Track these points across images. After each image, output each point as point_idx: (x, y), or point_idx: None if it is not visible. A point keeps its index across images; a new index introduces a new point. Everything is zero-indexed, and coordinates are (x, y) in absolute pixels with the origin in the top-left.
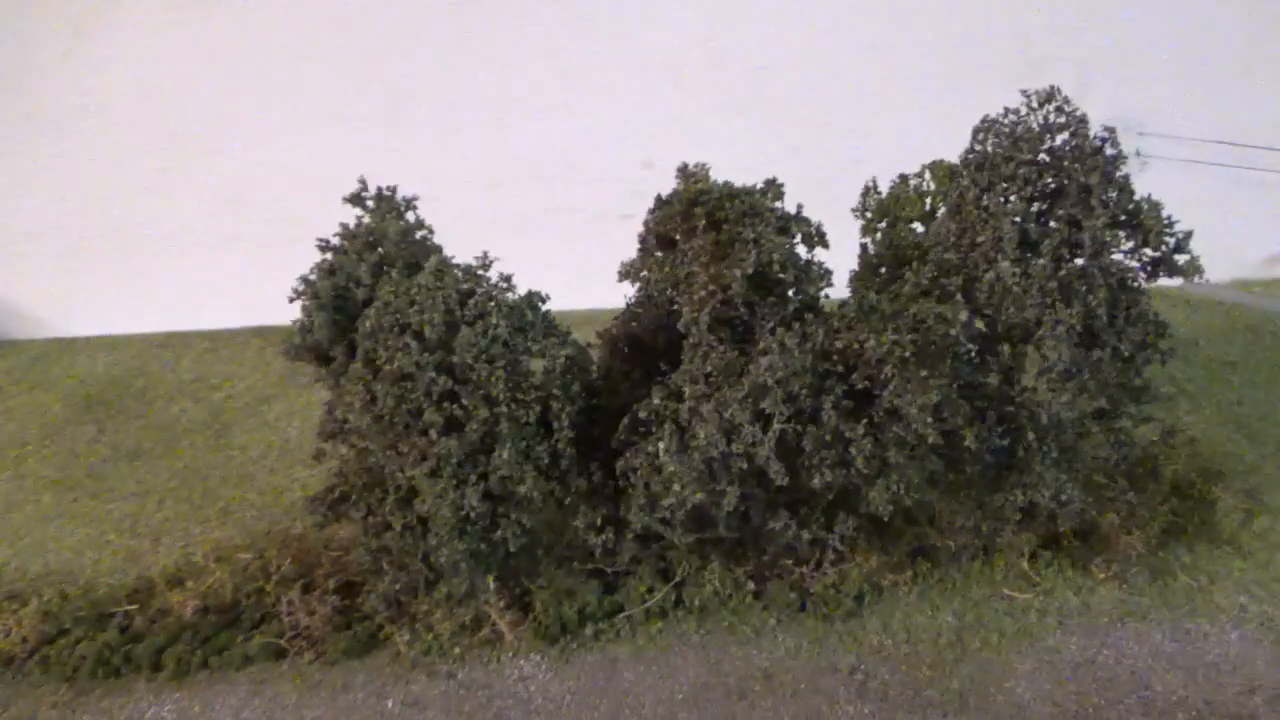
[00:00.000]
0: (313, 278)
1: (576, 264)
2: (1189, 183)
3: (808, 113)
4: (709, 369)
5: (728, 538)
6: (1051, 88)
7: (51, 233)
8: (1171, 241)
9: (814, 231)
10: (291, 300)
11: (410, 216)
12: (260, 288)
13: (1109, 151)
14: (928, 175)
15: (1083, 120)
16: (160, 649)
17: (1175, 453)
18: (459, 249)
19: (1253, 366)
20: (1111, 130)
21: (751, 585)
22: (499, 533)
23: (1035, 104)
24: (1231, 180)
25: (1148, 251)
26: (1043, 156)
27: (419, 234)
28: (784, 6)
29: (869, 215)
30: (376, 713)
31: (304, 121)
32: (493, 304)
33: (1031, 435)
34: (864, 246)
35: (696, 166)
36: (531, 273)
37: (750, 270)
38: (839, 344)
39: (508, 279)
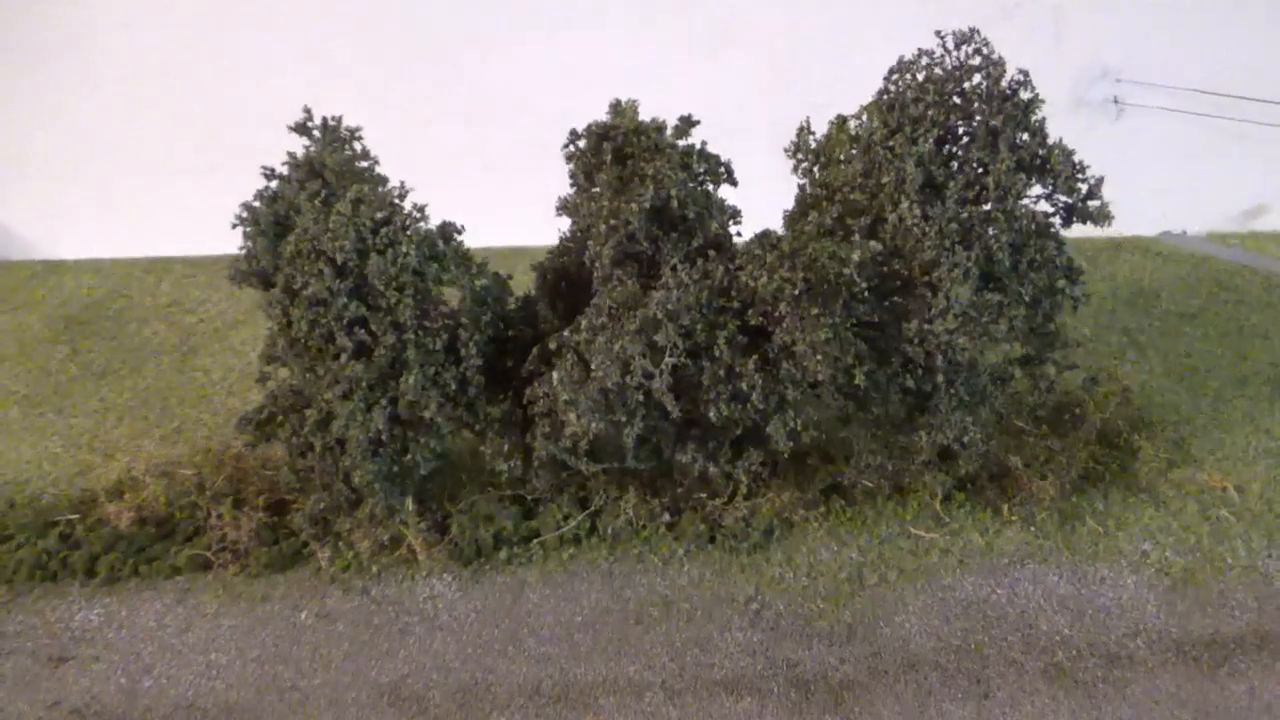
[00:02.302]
0: (256, 204)
1: (548, 200)
2: (1168, 131)
3: (779, 54)
4: (611, 302)
5: (645, 469)
6: (971, 29)
7: (43, 159)
8: (1084, 188)
9: (720, 168)
10: (234, 226)
11: (357, 147)
12: None
13: (1024, 95)
14: (865, 116)
15: (997, 63)
16: (95, 557)
17: (1106, 401)
18: (429, 182)
19: (1209, 320)
20: (1025, 74)
21: (667, 516)
22: (409, 456)
23: (951, 45)
24: (1211, 130)
25: (1064, 198)
26: (956, 99)
27: (363, 164)
28: None
29: (800, 156)
30: (290, 624)
31: (287, 53)
32: (405, 233)
33: (941, 377)
34: (801, 187)
35: (628, 102)
36: (503, 207)
37: (648, 205)
38: (739, 280)
39: (421, 209)
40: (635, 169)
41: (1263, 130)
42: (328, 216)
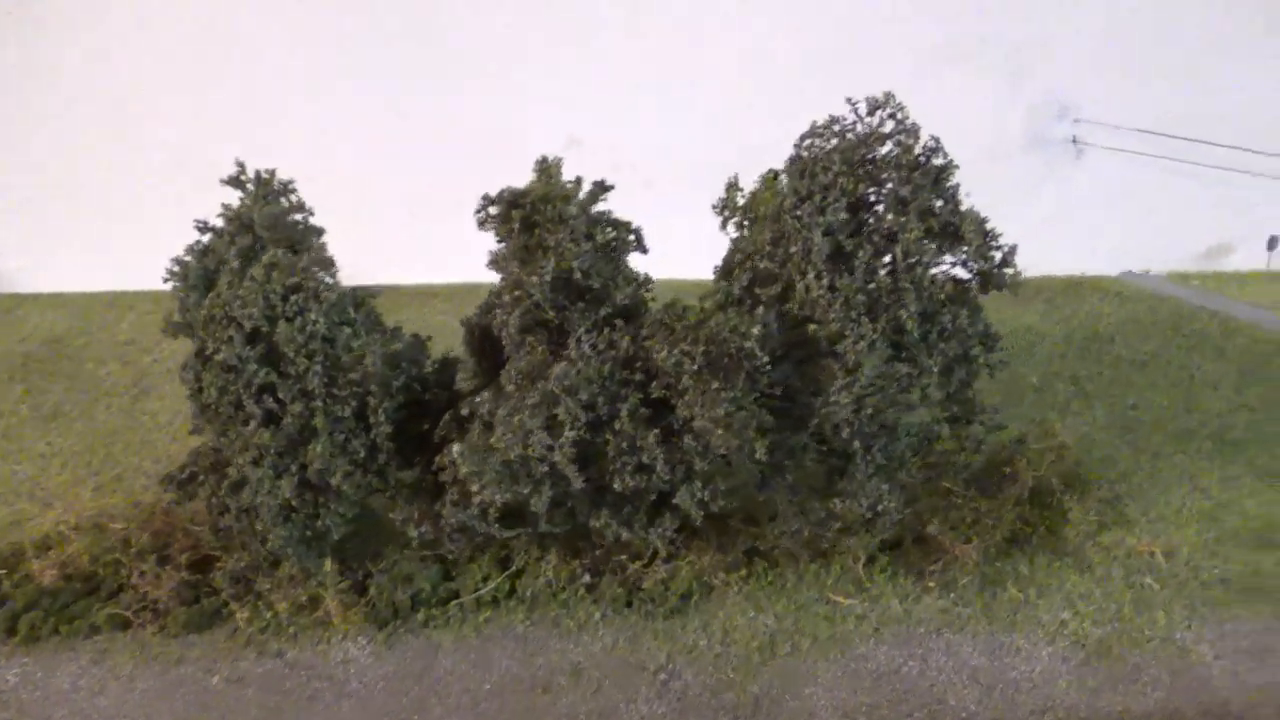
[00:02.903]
0: (187, 259)
1: None
2: (1130, 171)
3: (735, 90)
4: (517, 372)
5: (560, 532)
6: (886, 94)
7: (11, 191)
8: (997, 255)
9: (630, 236)
10: (165, 280)
11: (291, 200)
12: None
13: (936, 162)
14: (781, 180)
15: (910, 130)
16: (17, 615)
17: (1040, 458)
18: (384, 222)
19: (1161, 367)
20: (936, 139)
21: (587, 578)
22: (321, 521)
23: (864, 111)
24: (1173, 170)
25: (980, 264)
26: (868, 167)
27: (297, 217)
28: None
29: (726, 213)
30: (202, 688)
31: (257, 87)
32: (312, 300)
33: (857, 444)
34: (733, 243)
35: (554, 160)
36: (458, 249)
37: (548, 277)
38: (642, 352)
39: (333, 275)
40: (541, 239)
41: (1225, 170)
42: (240, 281)
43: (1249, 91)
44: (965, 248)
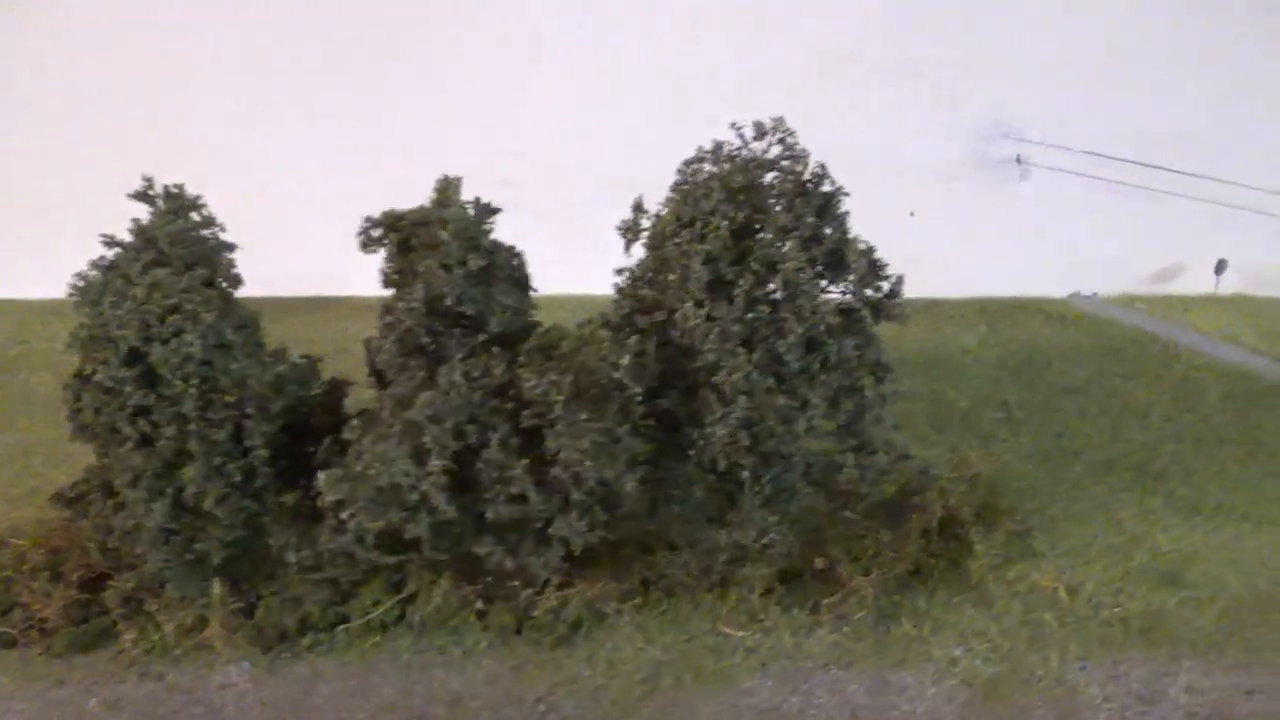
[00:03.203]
0: (93, 274)
1: None
2: (1078, 192)
3: (672, 107)
4: (390, 398)
5: (446, 558)
6: (775, 119)
7: None
8: (885, 285)
9: (515, 260)
10: (68, 296)
11: (201, 214)
12: None
13: (826, 188)
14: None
15: (798, 155)
16: None
17: (952, 488)
18: (329, 232)
19: (1094, 393)
20: (823, 166)
21: (480, 604)
22: (198, 545)
23: (750, 135)
24: (1123, 191)
25: (871, 293)
26: (754, 194)
27: (206, 233)
28: (649, 1)
29: (629, 236)
30: (78, 711)
31: (202, 102)
32: (189, 322)
33: (746, 474)
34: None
35: (452, 179)
36: None
37: (416, 305)
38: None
39: (217, 294)
40: (413, 263)
41: (1177, 190)
42: (121, 301)
43: (1198, 112)
44: (850, 277)
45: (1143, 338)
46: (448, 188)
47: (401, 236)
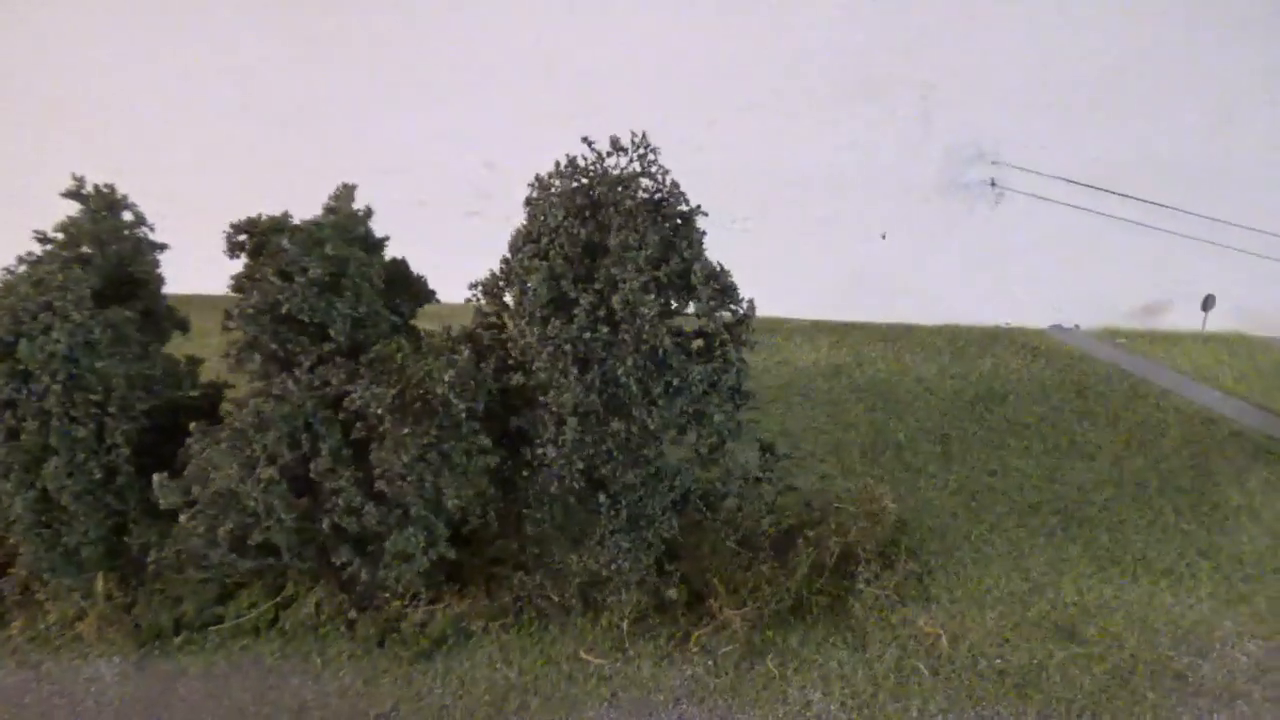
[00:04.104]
0: (21, 269)
1: (426, 258)
2: (1060, 219)
3: (648, 124)
4: (234, 404)
5: (306, 566)
6: (639, 135)
7: None
8: (738, 310)
9: (360, 273)
10: None
11: (131, 214)
12: None
13: (682, 208)
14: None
15: (653, 174)
16: None
17: (851, 523)
18: None
19: (1044, 430)
20: (677, 184)
21: (352, 613)
22: (65, 539)
23: (607, 151)
24: (1106, 223)
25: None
26: (599, 211)
27: (140, 231)
28: (621, 19)
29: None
30: None
31: (166, 105)
32: (58, 319)
33: (604, 498)
34: None
35: (349, 187)
36: None
37: (250, 311)
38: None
39: (82, 294)
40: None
41: (1166, 223)
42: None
43: (1187, 141)
44: (698, 300)
45: (1113, 375)
46: (341, 195)
47: (255, 243)
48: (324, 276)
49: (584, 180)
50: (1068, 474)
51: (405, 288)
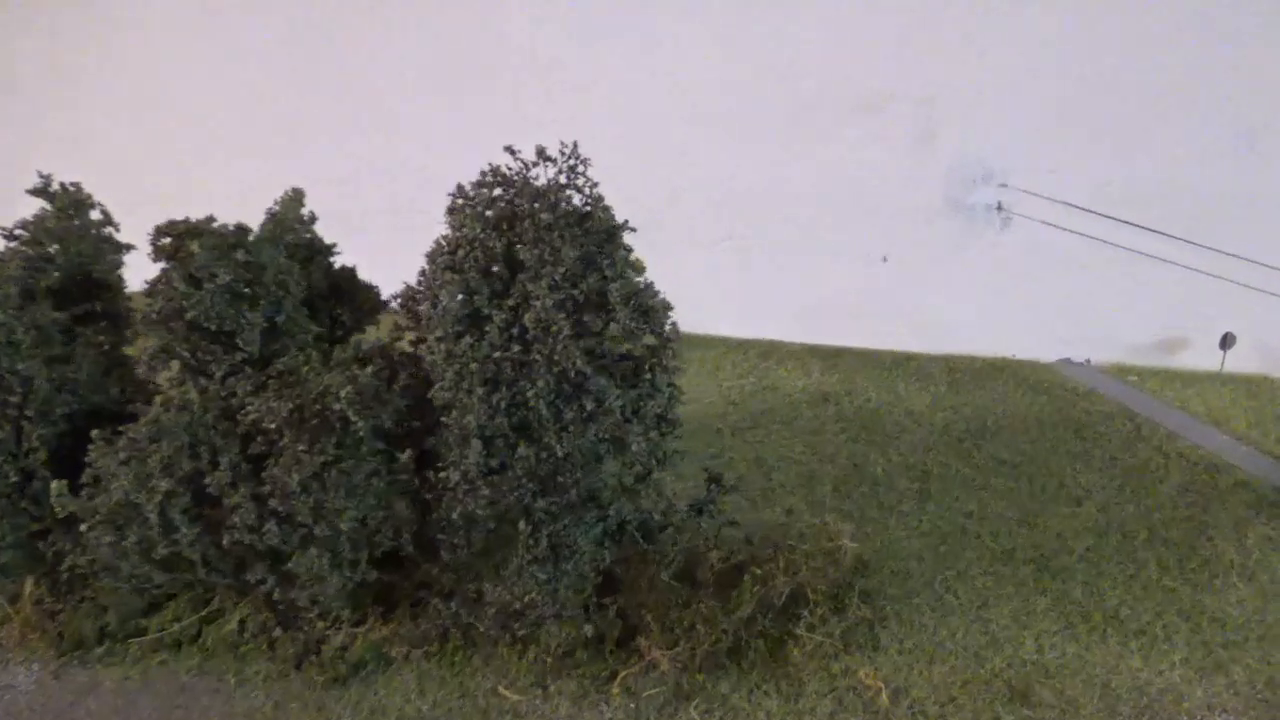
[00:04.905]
0: None
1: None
2: (1073, 247)
3: (635, 138)
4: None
5: (225, 582)
6: (570, 145)
7: None
8: (660, 333)
9: (277, 282)
10: None
11: (96, 214)
12: None
13: (605, 222)
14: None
15: (579, 185)
16: None
17: (802, 562)
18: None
19: (1033, 470)
20: (600, 197)
21: (278, 631)
22: None
23: (532, 161)
24: (1121, 252)
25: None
26: (518, 223)
27: (106, 230)
28: (620, 29)
29: None
30: None
31: (158, 112)
32: None
33: (523, 524)
34: None
35: (296, 192)
36: (376, 271)
37: (155, 316)
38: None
39: (8, 292)
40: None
41: (1186, 255)
42: None
43: (1206, 168)
44: (614, 323)
45: (1118, 414)
46: (286, 200)
47: (172, 246)
48: (236, 283)
49: (503, 191)
50: (1049, 519)
51: (350, 298)
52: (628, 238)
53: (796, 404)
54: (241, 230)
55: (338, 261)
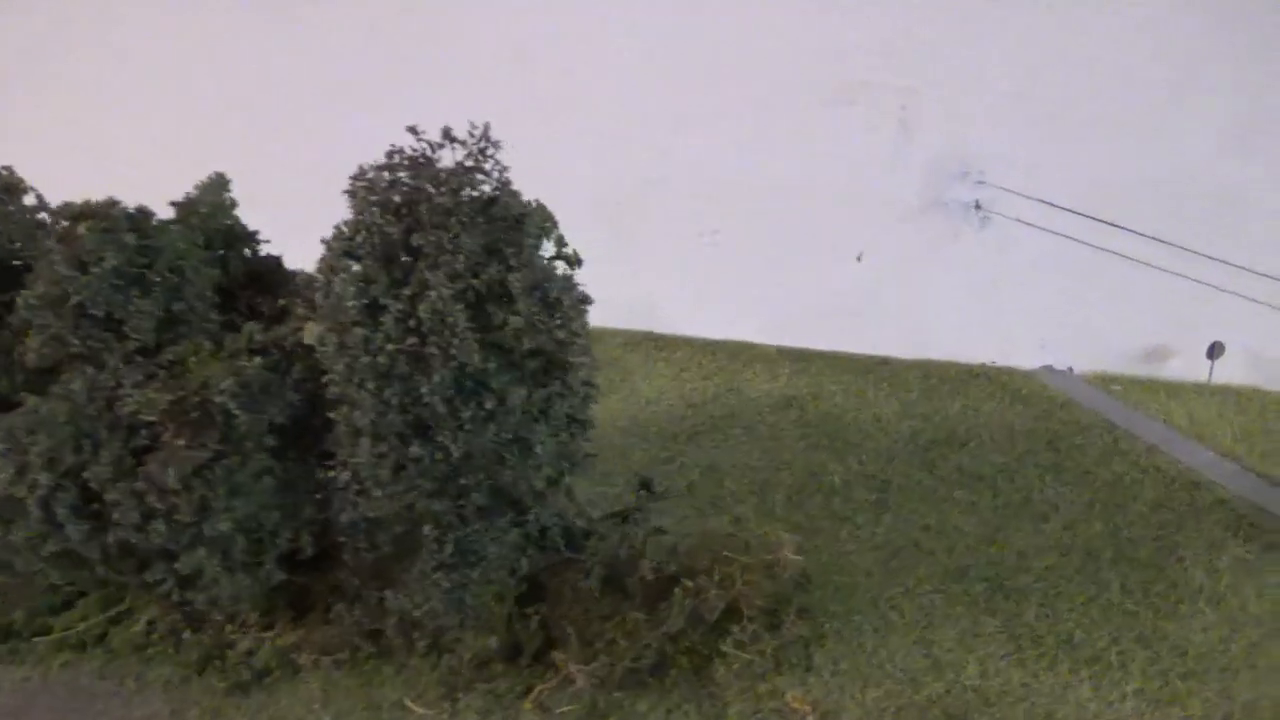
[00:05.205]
0: None
1: None
2: (1055, 249)
3: (616, 125)
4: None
5: (128, 580)
6: (484, 127)
7: None
8: (562, 333)
9: (170, 266)
10: None
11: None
12: None
13: (514, 210)
14: None
15: (486, 169)
16: None
17: (738, 574)
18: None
19: (1000, 484)
20: (509, 184)
21: (188, 634)
22: None
23: (438, 143)
24: (1106, 255)
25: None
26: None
27: (40, 216)
28: (597, 18)
29: None
30: None
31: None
32: None
33: (429, 529)
34: None
35: (216, 177)
36: None
37: (34, 301)
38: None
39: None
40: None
41: (1173, 261)
42: None
43: (1197, 167)
44: (515, 315)
45: (1096, 425)
46: (206, 184)
47: (67, 229)
48: (126, 268)
49: (404, 174)
50: (1011, 536)
51: (272, 288)
52: (586, 228)
53: (759, 408)
54: (142, 214)
55: (276, 250)
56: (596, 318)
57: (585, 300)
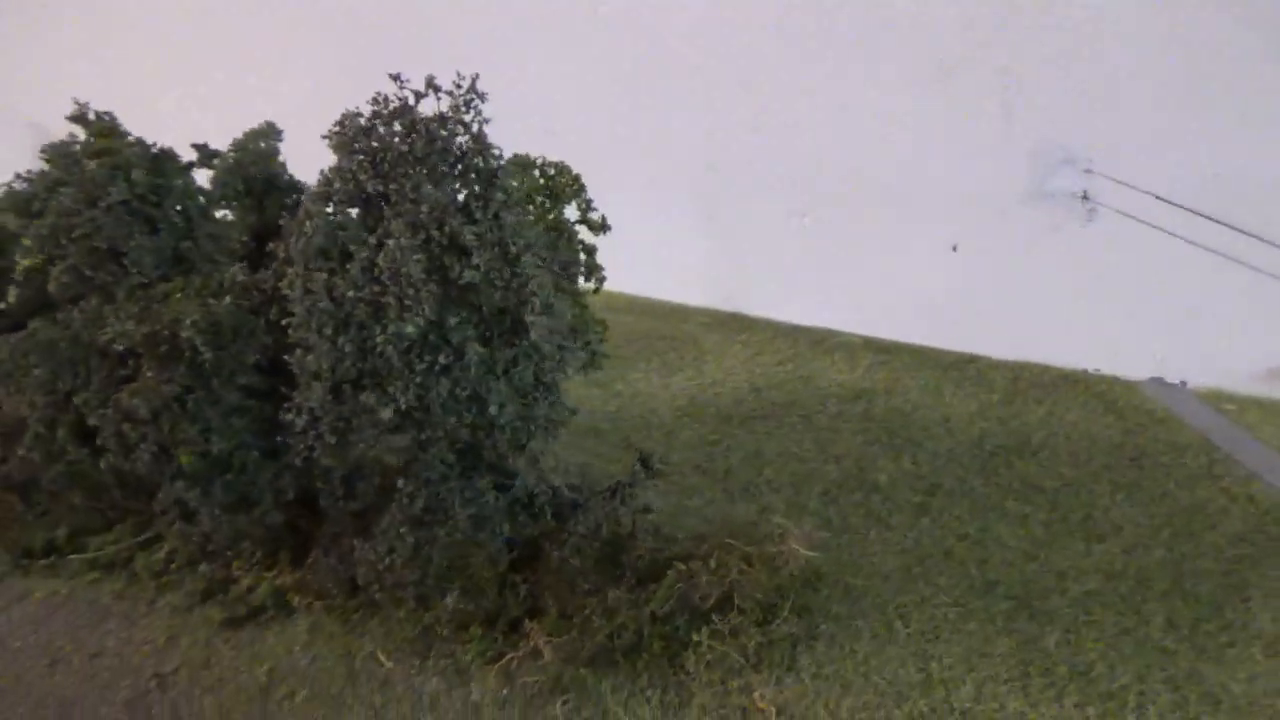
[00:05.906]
0: None
1: None
2: (1166, 250)
3: (711, 100)
4: None
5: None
6: (471, 78)
7: None
8: (530, 285)
9: (155, 203)
10: None
11: None
12: None
13: (486, 162)
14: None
15: (461, 120)
16: None
17: (728, 565)
18: None
19: (1063, 498)
20: (484, 137)
21: (204, 566)
22: None
23: (420, 92)
24: (1231, 265)
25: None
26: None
27: None
28: None
29: None
30: None
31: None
32: None
33: (403, 482)
34: None
35: (266, 126)
36: None
37: (44, 232)
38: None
39: None
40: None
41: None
42: None
43: None
44: (471, 269)
45: (1193, 445)
46: (252, 133)
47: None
48: (131, 204)
49: (383, 124)
50: (1055, 554)
51: None
52: (678, 203)
53: (824, 398)
54: (165, 155)
55: None
56: (678, 294)
57: (595, 270)
